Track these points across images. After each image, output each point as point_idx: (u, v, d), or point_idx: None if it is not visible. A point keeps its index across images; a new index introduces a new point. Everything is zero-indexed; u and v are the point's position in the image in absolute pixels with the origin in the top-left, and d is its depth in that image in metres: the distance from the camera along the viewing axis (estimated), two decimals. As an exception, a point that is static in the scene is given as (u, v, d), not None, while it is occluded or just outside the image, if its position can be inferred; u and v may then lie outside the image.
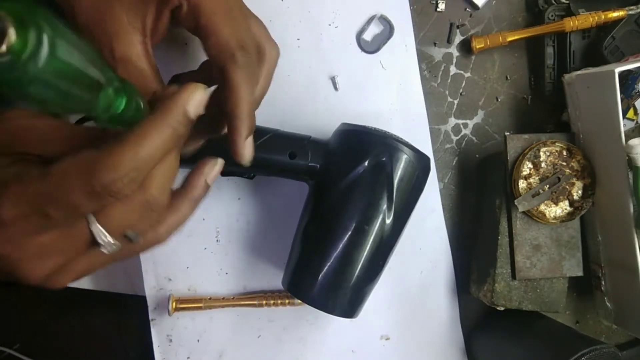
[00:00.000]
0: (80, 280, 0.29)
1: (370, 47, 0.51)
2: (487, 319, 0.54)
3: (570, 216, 0.47)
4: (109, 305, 0.51)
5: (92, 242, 0.26)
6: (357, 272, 0.41)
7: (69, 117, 0.35)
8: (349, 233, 0.40)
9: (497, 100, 0.54)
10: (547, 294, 0.49)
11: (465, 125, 0.54)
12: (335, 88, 0.51)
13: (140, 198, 0.26)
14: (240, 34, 0.34)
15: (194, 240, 0.50)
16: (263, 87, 0.38)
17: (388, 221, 0.41)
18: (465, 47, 0.53)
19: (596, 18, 0.49)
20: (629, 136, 0.45)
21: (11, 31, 0.16)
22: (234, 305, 0.49)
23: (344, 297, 0.41)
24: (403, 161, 0.41)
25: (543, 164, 0.47)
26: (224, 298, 0.50)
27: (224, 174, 0.43)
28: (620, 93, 0.43)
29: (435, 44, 0.53)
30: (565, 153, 0.47)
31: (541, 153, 0.47)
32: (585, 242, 0.51)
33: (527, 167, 0.47)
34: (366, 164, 0.40)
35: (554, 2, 0.51)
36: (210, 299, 0.49)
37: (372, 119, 0.51)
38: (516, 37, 0.51)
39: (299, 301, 0.49)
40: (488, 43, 0.51)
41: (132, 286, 0.51)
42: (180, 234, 0.49)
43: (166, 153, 0.26)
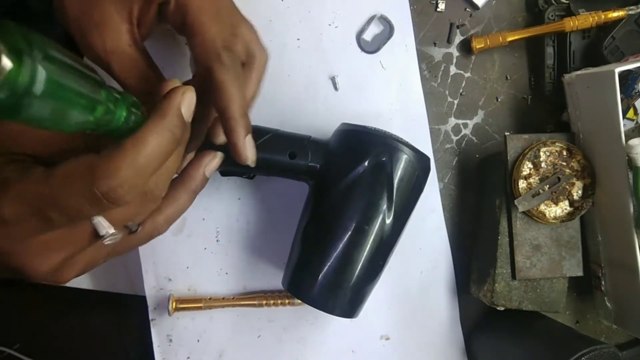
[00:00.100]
0: (80, 280, 0.29)
1: (370, 47, 0.51)
2: (487, 319, 0.54)
3: (570, 216, 0.47)
4: (109, 305, 0.51)
5: (94, 235, 0.27)
6: (357, 272, 0.41)
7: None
8: (349, 233, 0.40)
9: (497, 100, 0.54)
10: (547, 294, 0.49)
11: (465, 125, 0.54)
12: (335, 88, 0.51)
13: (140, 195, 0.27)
14: (226, 34, 0.34)
15: (194, 240, 0.50)
16: (253, 91, 0.38)
17: (388, 221, 0.41)
18: (465, 47, 0.53)
19: (596, 18, 0.49)
20: (629, 136, 0.45)
21: (5, 60, 0.16)
22: (234, 305, 0.49)
23: (344, 297, 0.41)
24: (403, 161, 0.41)
25: (543, 164, 0.47)
26: (224, 298, 0.50)
27: (224, 174, 0.44)
28: (620, 93, 0.43)
29: (435, 44, 0.53)
30: (565, 153, 0.47)
31: (541, 153, 0.47)
32: (585, 242, 0.51)
33: (527, 167, 0.47)
34: (366, 164, 0.40)
35: (554, 2, 0.51)
36: (210, 299, 0.49)
37: (372, 119, 0.51)
38: (516, 37, 0.51)
39: (299, 301, 0.49)
40: (488, 43, 0.51)
41: (132, 286, 0.51)
42: (180, 234, 0.49)
43: (166, 157, 0.26)
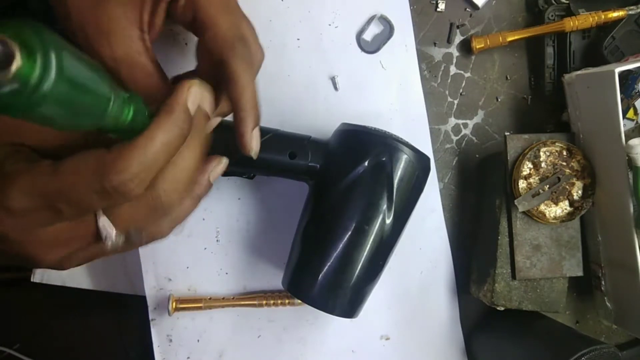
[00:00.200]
0: (80, 280, 0.29)
1: (370, 47, 0.51)
2: (487, 319, 0.54)
3: (570, 216, 0.47)
4: (109, 305, 0.51)
5: (97, 235, 0.27)
6: (357, 272, 0.41)
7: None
8: (349, 233, 0.40)
9: (497, 100, 0.54)
10: (547, 294, 0.49)
11: (465, 125, 0.54)
12: (335, 88, 0.51)
13: (149, 197, 0.27)
14: (238, 24, 0.33)
15: (194, 240, 0.50)
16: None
17: (388, 221, 0.41)
18: (465, 47, 0.53)
19: (596, 18, 0.49)
20: (629, 136, 0.45)
21: (18, 56, 0.16)
22: (234, 305, 0.49)
23: (344, 297, 0.41)
24: (403, 161, 0.41)
25: (543, 164, 0.47)
26: (224, 298, 0.50)
27: (224, 174, 0.44)
28: (620, 93, 0.43)
29: (435, 44, 0.53)
30: (565, 153, 0.47)
31: (541, 153, 0.47)
32: (585, 242, 0.51)
33: (527, 167, 0.47)
34: (366, 164, 0.40)
35: (554, 2, 0.51)
36: (210, 299, 0.49)
37: (372, 119, 0.51)
38: (516, 37, 0.51)
39: (299, 301, 0.49)
40: (488, 43, 0.51)
41: (132, 286, 0.51)
42: (180, 234, 0.49)
43: (173, 152, 0.26)
